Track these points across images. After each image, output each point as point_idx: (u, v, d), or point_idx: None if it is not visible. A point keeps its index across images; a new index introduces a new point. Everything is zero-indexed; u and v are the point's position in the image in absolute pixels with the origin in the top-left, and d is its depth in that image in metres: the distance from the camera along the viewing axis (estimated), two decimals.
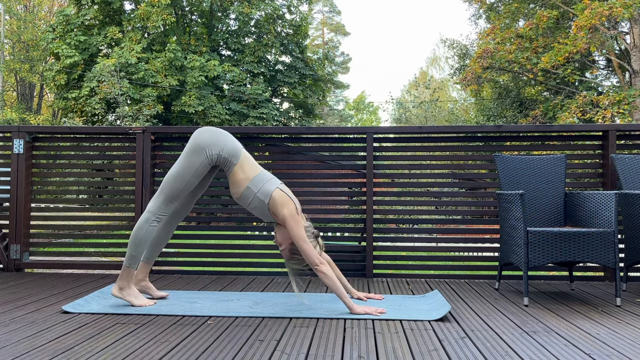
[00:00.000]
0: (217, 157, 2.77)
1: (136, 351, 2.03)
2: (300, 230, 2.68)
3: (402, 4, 70.81)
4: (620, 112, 15.29)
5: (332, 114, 40.27)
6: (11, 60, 26.47)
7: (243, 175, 2.77)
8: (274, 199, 2.73)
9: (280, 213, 2.72)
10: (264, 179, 2.78)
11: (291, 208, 2.72)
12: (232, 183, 2.80)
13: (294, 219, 2.70)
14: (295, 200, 2.81)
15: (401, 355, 2.00)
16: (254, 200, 2.76)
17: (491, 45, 17.43)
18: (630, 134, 3.95)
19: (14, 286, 3.40)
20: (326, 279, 2.64)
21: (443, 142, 4.15)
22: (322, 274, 2.65)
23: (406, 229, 4.22)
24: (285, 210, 2.71)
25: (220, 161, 2.78)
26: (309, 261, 2.67)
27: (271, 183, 2.77)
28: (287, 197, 2.76)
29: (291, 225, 2.68)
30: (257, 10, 21.98)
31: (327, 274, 2.64)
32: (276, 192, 2.75)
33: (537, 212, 3.41)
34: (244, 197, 2.77)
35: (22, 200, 4.01)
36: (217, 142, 2.77)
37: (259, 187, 2.75)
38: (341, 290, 2.67)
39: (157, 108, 18.68)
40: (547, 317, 2.64)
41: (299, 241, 2.67)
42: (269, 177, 2.80)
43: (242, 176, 2.77)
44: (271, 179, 2.80)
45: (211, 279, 3.79)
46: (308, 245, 2.67)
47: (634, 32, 16.20)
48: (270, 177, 2.81)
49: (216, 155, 2.76)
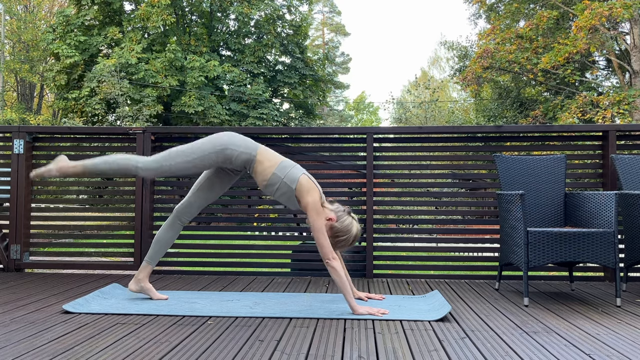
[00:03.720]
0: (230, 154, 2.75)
1: (136, 351, 2.03)
2: (319, 221, 2.68)
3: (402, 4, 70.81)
4: (620, 112, 15.29)
5: (332, 114, 40.28)
6: (11, 60, 26.47)
7: (268, 163, 2.78)
8: (301, 184, 2.73)
9: (304, 200, 2.72)
10: (289, 166, 2.79)
11: (315, 196, 2.72)
12: (257, 174, 2.80)
13: (316, 208, 2.69)
14: (320, 188, 2.81)
15: (401, 356, 2.00)
16: (281, 186, 2.76)
17: (491, 46, 17.44)
18: (630, 134, 3.95)
19: (14, 286, 3.40)
20: (335, 275, 2.64)
21: (443, 142, 4.15)
22: (332, 269, 2.65)
23: (406, 229, 4.22)
24: (310, 198, 2.71)
25: (237, 159, 2.77)
26: (322, 253, 2.67)
27: (297, 169, 2.79)
28: (313, 184, 2.77)
29: (312, 214, 2.69)
30: (257, 10, 21.98)
31: (338, 270, 2.65)
32: (303, 177, 2.76)
33: (537, 212, 3.41)
34: (271, 183, 2.78)
35: (22, 200, 4.01)
36: (230, 141, 2.78)
37: (285, 173, 2.76)
38: (348, 289, 2.68)
39: (157, 108, 18.68)
40: (547, 317, 2.64)
41: (316, 232, 2.67)
42: (293, 164, 2.82)
43: (266, 164, 2.78)
44: (296, 165, 2.81)
45: (211, 279, 3.79)
46: (324, 238, 2.67)
47: (634, 33, 16.20)
48: (295, 164, 2.83)
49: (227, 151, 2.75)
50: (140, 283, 2.99)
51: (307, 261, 4.03)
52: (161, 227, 3.01)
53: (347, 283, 2.70)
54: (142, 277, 3.00)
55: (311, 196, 2.71)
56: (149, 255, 3.00)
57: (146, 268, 3.00)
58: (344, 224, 2.77)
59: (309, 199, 2.70)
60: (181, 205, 3.00)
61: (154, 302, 2.90)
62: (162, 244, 2.99)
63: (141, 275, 3.00)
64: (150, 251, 3.01)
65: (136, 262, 3.95)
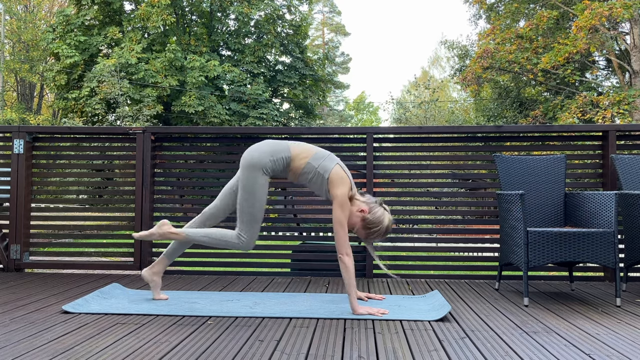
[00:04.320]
0: (273, 164, 2.77)
1: (136, 351, 2.03)
2: (342, 214, 2.68)
3: (402, 4, 70.80)
4: (620, 112, 15.29)
5: (332, 114, 40.28)
6: (11, 60, 26.47)
7: (302, 155, 2.80)
8: (333, 175, 2.74)
9: (333, 191, 2.73)
10: (323, 156, 2.81)
11: (344, 190, 2.72)
12: (292, 171, 2.83)
13: (342, 202, 2.70)
14: (351, 179, 2.82)
15: (401, 355, 2.00)
16: (316, 175, 2.78)
17: (491, 46, 17.43)
18: (630, 134, 3.95)
19: (14, 286, 3.40)
20: (346, 271, 2.65)
21: (443, 142, 4.15)
22: (344, 264, 2.65)
23: (406, 229, 4.22)
24: (338, 190, 2.71)
25: (278, 166, 2.79)
26: (338, 246, 2.67)
27: (330, 159, 2.80)
28: (345, 175, 2.77)
29: (336, 207, 2.70)
30: (257, 10, 21.99)
31: (349, 267, 2.65)
32: (336, 167, 2.77)
33: (537, 212, 3.41)
34: (304, 172, 2.80)
35: (22, 200, 4.01)
36: (264, 153, 2.78)
37: (319, 163, 2.78)
38: (353, 288, 2.68)
39: (157, 108, 18.69)
40: (547, 317, 2.64)
41: (336, 224, 2.68)
42: (327, 154, 2.84)
43: (299, 156, 2.80)
44: (329, 155, 2.83)
45: (211, 279, 3.79)
46: (343, 231, 2.68)
47: (634, 33, 16.20)
48: (329, 154, 2.84)
49: (270, 162, 2.76)
50: (153, 276, 2.99)
51: (307, 261, 4.03)
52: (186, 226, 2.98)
53: (354, 282, 2.70)
54: (158, 271, 3.00)
55: (340, 189, 2.72)
56: (168, 252, 3.00)
57: (164, 262, 3.00)
58: (376, 215, 2.78)
59: (338, 191, 2.71)
60: (209, 210, 2.97)
61: (154, 302, 2.90)
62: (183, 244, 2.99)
63: (157, 268, 2.99)
64: (169, 248, 3.01)
65: (136, 262, 3.95)
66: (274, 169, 2.79)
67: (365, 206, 2.78)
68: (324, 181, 2.76)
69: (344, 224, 2.69)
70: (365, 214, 2.77)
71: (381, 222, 2.78)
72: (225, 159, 4.70)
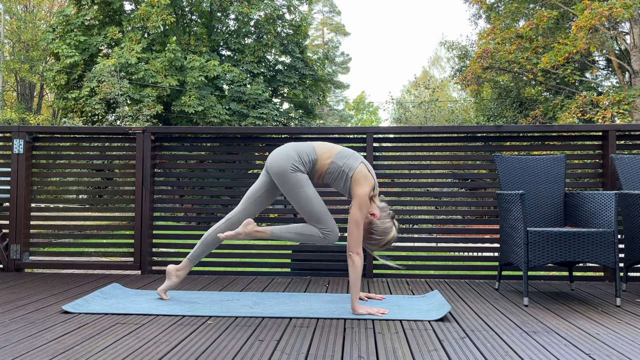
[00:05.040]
0: (300, 160, 2.76)
1: (136, 351, 2.03)
2: (360, 213, 2.68)
3: (402, 4, 70.81)
4: (620, 112, 15.29)
5: (332, 114, 40.28)
6: (11, 60, 26.46)
7: (327, 155, 2.80)
8: (358, 173, 2.74)
9: (354, 190, 2.72)
10: (347, 155, 2.80)
11: (366, 190, 2.71)
12: (318, 172, 2.82)
13: (361, 202, 2.69)
14: (375, 179, 2.81)
15: (401, 355, 2.00)
16: (340, 174, 2.77)
17: (491, 46, 17.43)
18: (630, 134, 3.95)
19: (14, 286, 3.40)
20: (353, 269, 2.65)
21: (443, 142, 4.15)
22: (352, 263, 2.65)
23: (406, 229, 4.22)
24: (360, 190, 2.71)
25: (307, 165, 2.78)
26: (350, 244, 2.67)
27: (354, 158, 2.80)
28: (369, 175, 2.77)
29: (354, 205, 2.69)
30: (256, 10, 21.99)
31: (357, 267, 2.65)
32: (361, 166, 2.76)
33: (537, 212, 3.41)
34: (329, 172, 2.80)
35: (22, 200, 4.01)
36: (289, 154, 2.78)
37: (344, 162, 2.78)
38: (357, 288, 2.68)
39: (157, 108, 18.68)
40: (547, 317, 2.64)
41: (352, 222, 2.68)
42: (352, 153, 2.83)
43: (326, 157, 2.80)
44: (354, 154, 2.82)
45: (211, 279, 3.79)
46: (358, 230, 2.67)
47: (634, 33, 16.20)
48: (353, 153, 2.83)
49: (299, 160, 2.76)
50: (176, 272, 2.99)
51: (307, 261, 4.03)
52: (210, 232, 2.95)
53: (359, 282, 2.69)
54: (182, 274, 3.00)
55: (362, 188, 2.71)
56: (193, 255, 2.98)
57: (188, 266, 3.00)
58: (384, 226, 2.77)
59: (360, 190, 2.71)
60: (234, 216, 2.94)
61: (154, 302, 2.90)
62: (209, 246, 2.98)
63: (183, 272, 3.00)
64: (194, 251, 2.98)
65: (136, 262, 3.95)
66: (304, 164, 2.78)
67: (378, 212, 2.77)
68: (348, 179, 2.76)
69: (360, 223, 2.68)
70: (374, 219, 2.77)
71: (385, 234, 2.78)
72: (225, 159, 4.70)
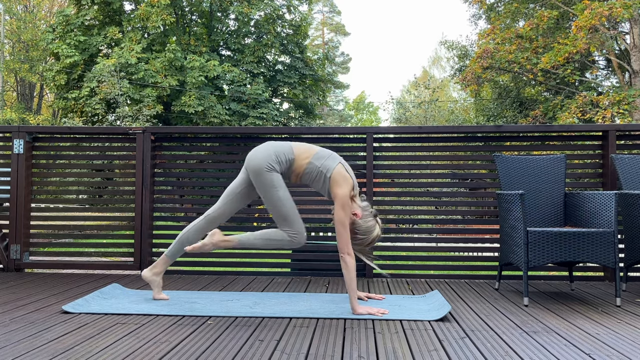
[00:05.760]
0: (277, 160, 2.78)
1: (136, 351, 2.03)
2: (344, 214, 2.68)
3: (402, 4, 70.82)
4: (620, 112, 15.28)
5: (332, 114, 40.27)
6: (11, 60, 26.46)
7: (304, 155, 2.81)
8: (336, 174, 2.74)
9: (334, 191, 2.73)
10: (325, 155, 2.81)
11: (346, 190, 2.72)
12: (295, 172, 2.83)
13: (343, 202, 2.70)
14: (354, 179, 2.82)
15: (401, 355, 2.00)
16: (318, 175, 2.78)
17: (491, 46, 17.43)
18: (630, 134, 3.95)
19: (14, 286, 3.40)
20: (347, 270, 2.65)
21: (443, 142, 4.15)
22: (345, 264, 2.66)
23: (406, 229, 4.22)
24: (340, 190, 2.71)
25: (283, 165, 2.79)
26: (340, 246, 2.67)
27: (332, 158, 2.80)
28: (347, 175, 2.77)
29: (338, 206, 2.70)
30: (256, 10, 21.99)
31: (350, 267, 2.65)
32: (338, 167, 2.77)
33: (537, 212, 3.41)
34: (307, 172, 2.80)
35: (22, 200, 4.01)
36: (267, 153, 2.79)
37: (321, 162, 2.78)
38: (354, 288, 2.68)
39: (157, 108, 18.68)
40: (547, 317, 2.64)
41: (338, 223, 2.68)
42: (329, 153, 2.84)
43: (301, 157, 2.81)
44: (332, 155, 2.83)
45: (211, 279, 3.79)
46: (345, 231, 2.68)
47: (634, 33, 16.20)
48: (331, 153, 2.84)
49: (275, 160, 2.77)
50: (154, 276, 2.98)
51: (307, 261, 4.03)
52: (189, 228, 2.94)
53: (355, 282, 2.70)
54: (159, 271, 2.98)
55: (342, 189, 2.72)
56: (170, 252, 2.97)
57: (166, 262, 2.98)
58: (367, 225, 2.78)
59: (340, 191, 2.71)
60: (213, 213, 2.93)
61: (154, 302, 2.90)
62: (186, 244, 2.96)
63: (159, 268, 2.98)
64: (172, 248, 2.97)
65: (136, 262, 3.95)
66: (279, 164, 2.79)
67: (360, 211, 2.78)
68: (327, 180, 2.76)
69: (345, 223, 2.69)
70: (357, 219, 2.77)
71: (369, 233, 2.78)
72: (225, 159, 4.70)
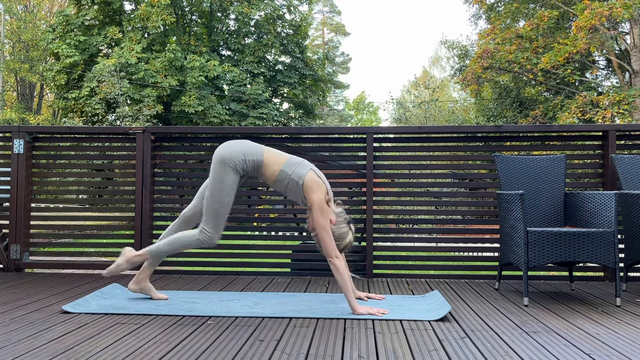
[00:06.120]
0: (243, 163, 2.78)
1: (136, 351, 2.03)
2: (323, 219, 2.69)
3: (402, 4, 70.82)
4: (620, 112, 15.28)
5: (332, 114, 40.27)
6: (11, 60, 26.46)
7: (275, 162, 2.80)
8: (306, 181, 2.74)
9: (310, 198, 2.74)
10: (295, 163, 2.81)
11: (320, 195, 2.73)
12: (266, 176, 2.83)
13: (321, 207, 2.70)
14: (327, 184, 2.82)
15: (401, 355, 2.00)
16: (290, 182, 2.78)
17: (491, 46, 17.43)
18: (630, 134, 3.95)
19: (14, 286, 3.40)
20: (338, 274, 2.65)
21: (443, 142, 4.15)
22: (335, 267, 2.66)
23: (406, 229, 4.22)
24: (315, 196, 2.72)
25: (248, 166, 2.80)
26: (326, 252, 2.68)
27: (303, 166, 2.80)
28: (320, 181, 2.77)
29: (316, 212, 2.70)
30: (256, 10, 21.98)
31: (340, 269, 2.66)
32: (309, 174, 2.77)
33: (537, 212, 3.41)
34: (279, 180, 2.80)
35: (22, 200, 4.01)
36: (237, 151, 2.79)
37: (292, 170, 2.78)
38: (349, 288, 2.68)
39: (157, 108, 18.68)
40: (547, 317, 2.64)
41: (319, 230, 2.69)
42: (300, 160, 2.84)
43: (273, 163, 2.80)
44: (302, 162, 2.83)
45: (211, 279, 3.79)
46: (328, 236, 2.68)
47: (634, 33, 16.20)
48: (302, 160, 2.84)
49: (241, 162, 2.77)
50: (140, 283, 3.00)
51: (307, 261, 4.03)
52: (166, 232, 3.01)
53: (349, 282, 2.71)
54: (143, 278, 3.00)
55: (316, 194, 2.73)
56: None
57: (148, 269, 3.00)
58: (340, 231, 2.79)
59: (314, 196, 2.72)
60: (190, 211, 2.99)
61: (154, 302, 2.90)
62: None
63: (142, 275, 3.00)
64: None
65: None
66: (244, 168, 2.79)
67: (334, 217, 2.78)
68: (299, 187, 2.76)
69: (327, 228, 2.69)
70: (331, 225, 2.77)
71: (342, 239, 2.79)
72: None
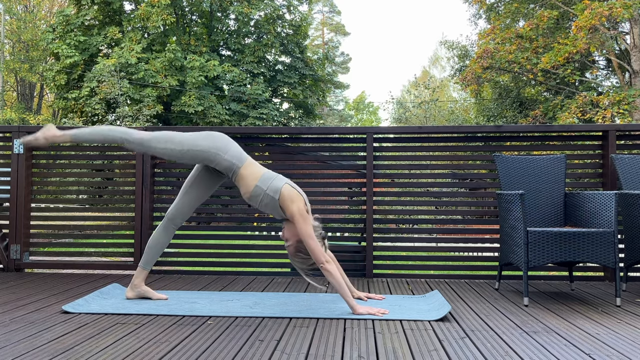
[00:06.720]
0: (216, 157, 2.78)
1: (136, 351, 2.03)
2: (307, 227, 2.68)
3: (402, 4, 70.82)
4: (620, 112, 15.28)
5: (332, 114, 40.26)
6: (11, 60, 26.45)
7: (250, 176, 2.79)
8: (284, 194, 2.74)
9: (289, 210, 2.72)
10: (270, 177, 2.80)
11: (299, 205, 2.73)
12: (241, 186, 2.82)
13: (302, 215, 2.70)
14: (304, 195, 2.82)
15: (401, 355, 2.00)
16: (264, 197, 2.77)
17: (491, 46, 17.43)
18: (630, 134, 3.95)
19: (14, 286, 3.40)
20: (331, 277, 2.65)
21: (443, 142, 4.15)
22: (327, 272, 2.65)
23: (406, 229, 4.22)
24: (294, 206, 2.71)
25: (221, 164, 2.80)
26: (316, 259, 2.67)
27: (278, 180, 2.80)
28: (296, 193, 2.77)
29: (299, 221, 2.69)
30: (256, 10, 21.98)
31: (333, 272, 2.65)
32: (285, 187, 2.76)
33: (537, 212, 3.41)
34: (254, 196, 2.79)
35: (22, 200, 4.01)
36: (222, 146, 2.81)
37: (267, 185, 2.77)
38: (345, 289, 2.68)
39: (157, 108, 18.68)
40: (547, 317, 2.64)
41: (306, 238, 2.67)
42: (275, 175, 2.83)
43: (249, 178, 2.79)
44: (277, 176, 2.82)
45: (211, 279, 3.79)
46: (315, 243, 2.67)
47: (634, 33, 16.20)
48: (277, 175, 2.84)
49: (214, 154, 2.78)
50: (136, 288, 3.00)
51: None
52: (154, 233, 3.01)
53: (344, 284, 2.71)
54: (138, 283, 3.00)
55: (295, 203, 2.72)
56: (144, 261, 3.01)
57: (142, 273, 3.01)
58: None
59: (294, 207, 2.71)
60: (173, 209, 2.99)
61: (154, 302, 2.90)
62: (157, 249, 3.00)
63: (137, 281, 3.00)
64: (145, 257, 3.01)
65: (136, 262, 3.95)
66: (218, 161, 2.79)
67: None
68: (275, 202, 2.75)
69: (312, 235, 2.68)
70: None
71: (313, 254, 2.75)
72: None
